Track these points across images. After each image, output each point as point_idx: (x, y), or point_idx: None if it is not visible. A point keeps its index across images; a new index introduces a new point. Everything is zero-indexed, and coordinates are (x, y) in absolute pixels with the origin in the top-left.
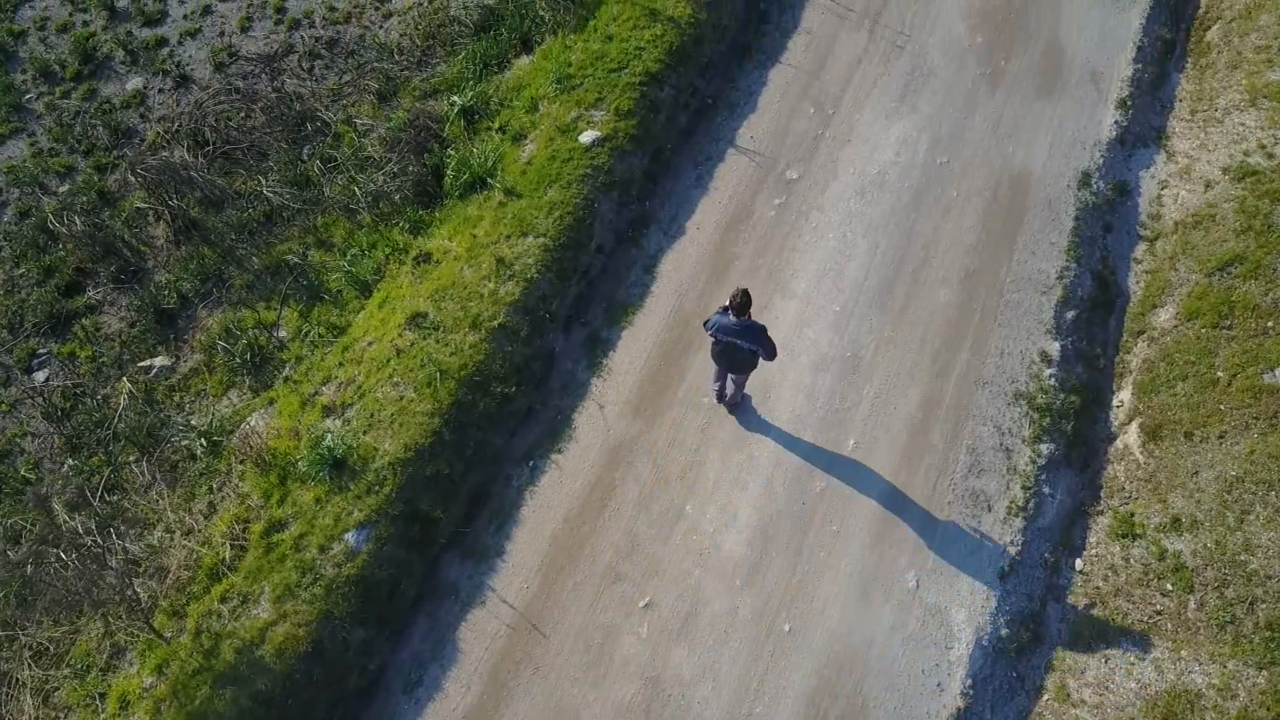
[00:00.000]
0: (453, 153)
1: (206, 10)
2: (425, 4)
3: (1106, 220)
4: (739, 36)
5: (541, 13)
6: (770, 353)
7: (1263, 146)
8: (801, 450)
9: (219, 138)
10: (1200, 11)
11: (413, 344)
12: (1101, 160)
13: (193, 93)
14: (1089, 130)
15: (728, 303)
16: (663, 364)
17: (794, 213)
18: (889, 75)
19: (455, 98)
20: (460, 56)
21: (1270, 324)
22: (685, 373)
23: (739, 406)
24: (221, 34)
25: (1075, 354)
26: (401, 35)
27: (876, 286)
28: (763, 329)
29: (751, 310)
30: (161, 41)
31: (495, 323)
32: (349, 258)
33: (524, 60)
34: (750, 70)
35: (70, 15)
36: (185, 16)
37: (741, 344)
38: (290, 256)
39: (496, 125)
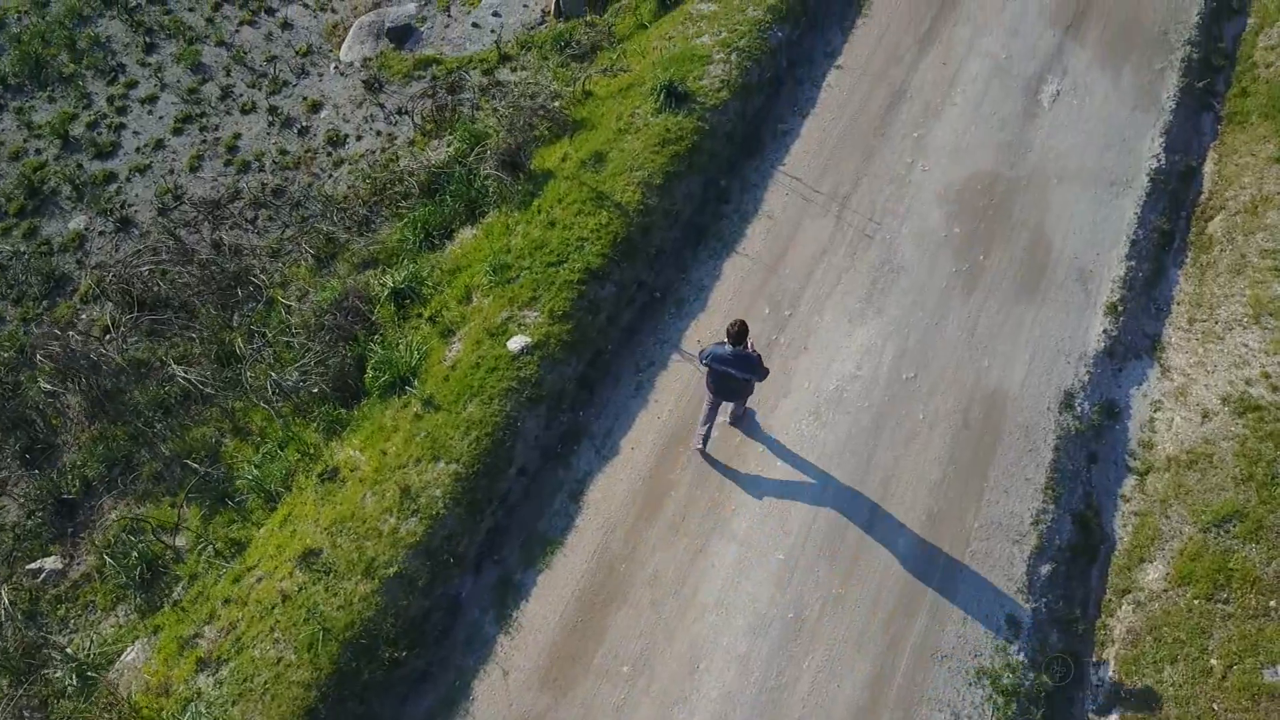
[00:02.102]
0: (376, 347)
1: (159, 145)
2: (377, 154)
3: (1091, 450)
4: (695, 217)
5: (488, 183)
6: (764, 375)
7: (1267, 376)
8: None
9: (150, 296)
10: (1203, 198)
11: (301, 589)
12: (1087, 376)
13: (132, 238)
14: (1075, 340)
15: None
16: (580, 621)
17: (740, 435)
18: (855, 270)
19: (388, 278)
20: (403, 223)
21: (1272, 603)
22: (604, 634)
23: (742, 419)
24: (170, 171)
25: (1049, 619)
26: (350, 187)
27: (826, 531)
28: (757, 358)
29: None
30: (110, 177)
31: (391, 570)
32: (260, 457)
33: (467, 232)
34: (704, 259)
35: (25, 141)
36: (138, 149)
37: (735, 373)
38: (193, 463)
39: (428, 314)
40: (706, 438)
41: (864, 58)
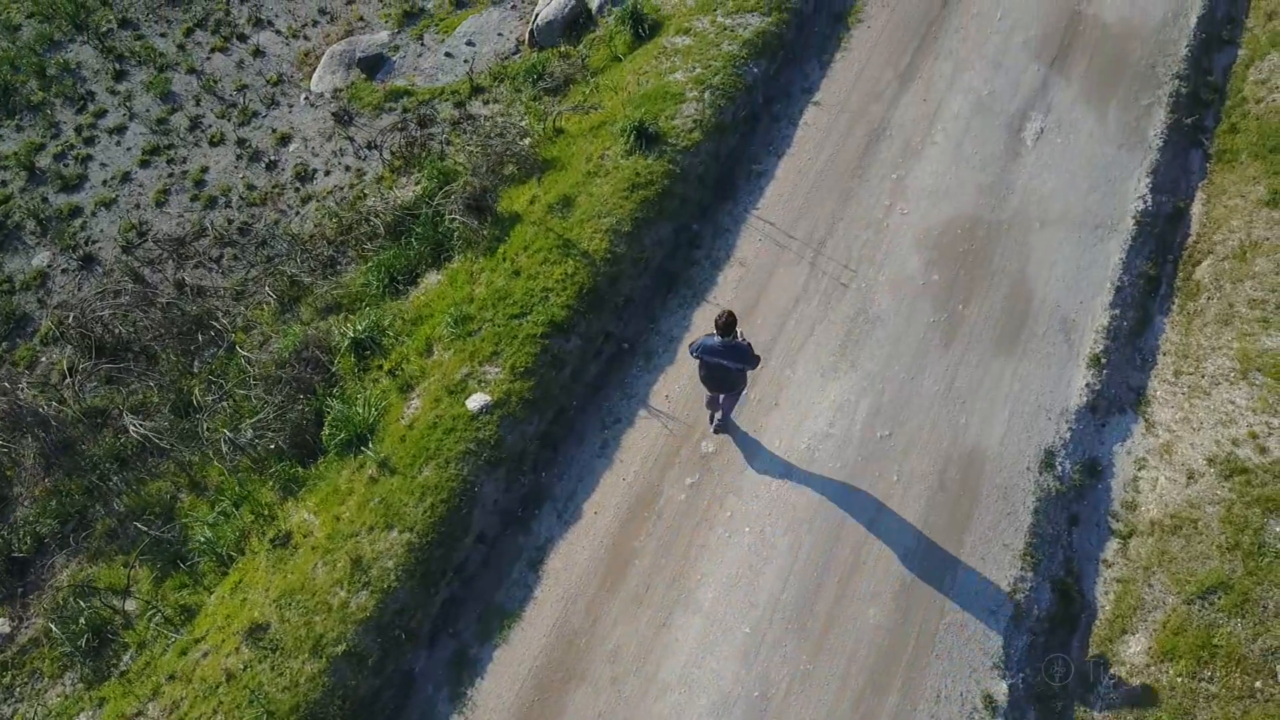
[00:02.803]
0: (335, 402)
1: (126, 177)
2: (345, 190)
3: (1072, 511)
4: (665, 264)
5: (453, 226)
6: (755, 364)
7: (1254, 436)
8: None
9: (110, 338)
10: (1190, 240)
11: (246, 667)
12: (1069, 434)
13: (95, 275)
14: (1056, 395)
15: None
16: (537, 700)
17: (707, 497)
18: (828, 320)
19: (348, 327)
20: (367, 266)
21: (1258, 684)
22: (562, 714)
23: (726, 429)
24: (136, 206)
25: (1026, 695)
26: (316, 226)
27: (795, 601)
28: (747, 347)
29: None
30: (75, 210)
31: (339, 649)
32: (214, 516)
33: (432, 278)
34: (674, 309)
35: None
36: (104, 183)
37: (728, 364)
38: (147, 521)
39: (388, 366)
40: (714, 420)
41: (843, 94)
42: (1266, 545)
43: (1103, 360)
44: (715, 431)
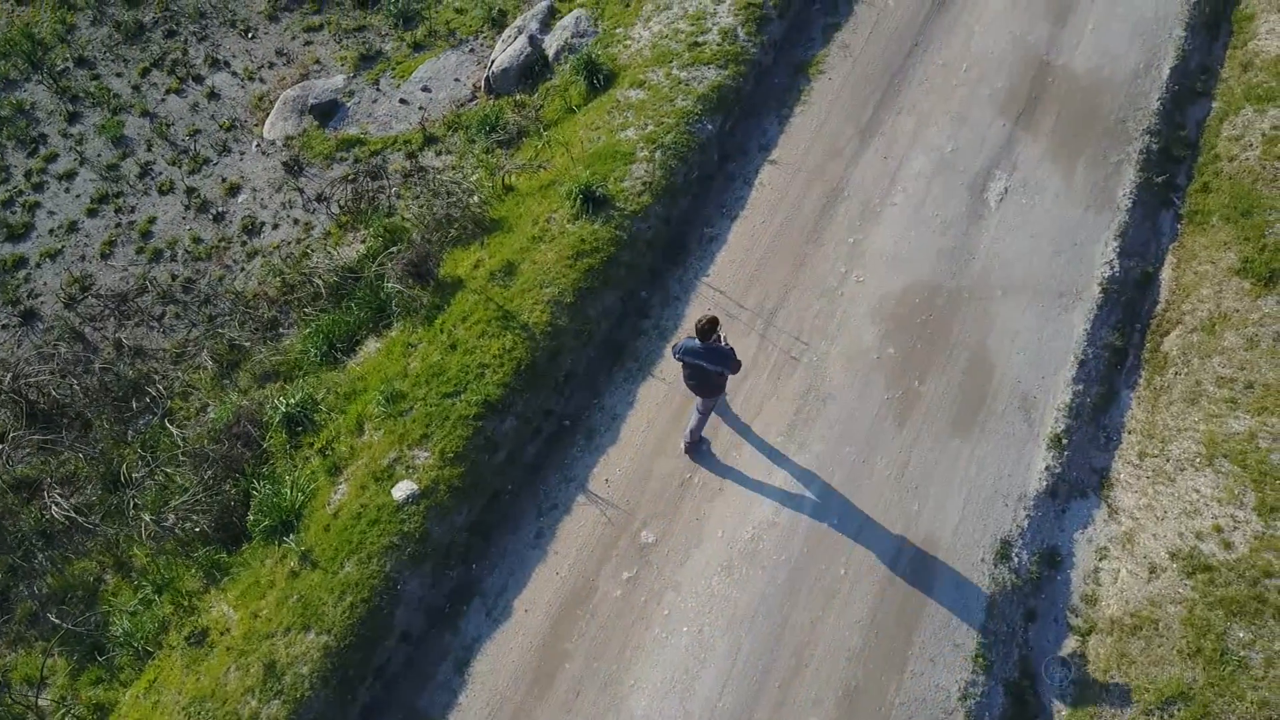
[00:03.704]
0: (264, 485)
1: (73, 227)
2: (292, 245)
3: (1029, 606)
4: (613, 333)
5: (391, 293)
6: (736, 368)
7: (1219, 530)
8: None
9: (45, 402)
10: (1159, 309)
11: None
12: (1027, 521)
13: (36, 332)
14: (1014, 479)
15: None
16: None
17: (645, 593)
18: (777, 398)
19: (281, 401)
20: (308, 332)
21: None
22: None
23: (698, 448)
24: (82, 258)
25: None
26: (260, 283)
27: (732, 709)
28: (729, 351)
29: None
30: (20, 261)
31: None
32: (135, 603)
33: (371, 345)
34: (619, 382)
35: None
36: (51, 231)
37: (707, 366)
38: (67, 607)
39: (319, 444)
40: (695, 433)
41: (800, 151)
42: (1229, 653)
43: (1064, 440)
44: (685, 450)
